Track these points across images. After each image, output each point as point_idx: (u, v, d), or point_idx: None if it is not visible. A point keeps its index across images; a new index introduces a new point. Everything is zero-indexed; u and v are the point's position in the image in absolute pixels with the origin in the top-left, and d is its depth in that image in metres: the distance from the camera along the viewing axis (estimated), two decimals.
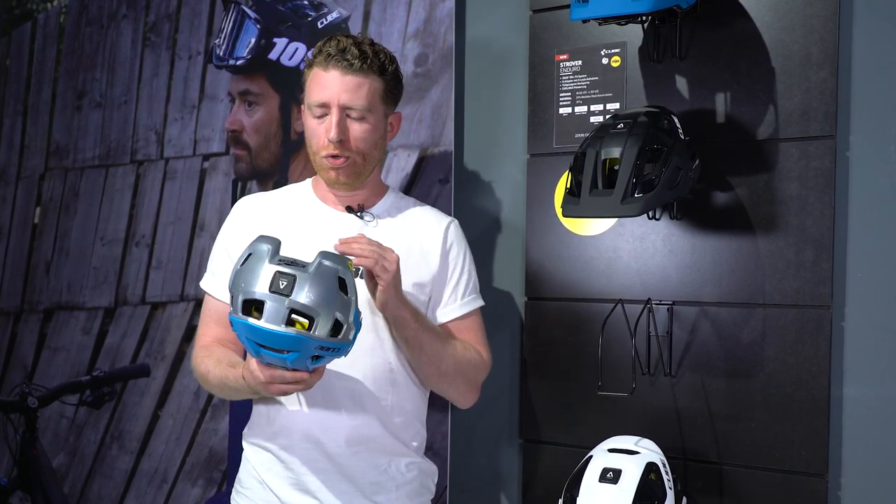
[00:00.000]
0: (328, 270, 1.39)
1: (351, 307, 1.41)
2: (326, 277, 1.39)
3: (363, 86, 1.62)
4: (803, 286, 1.69)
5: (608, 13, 1.62)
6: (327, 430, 1.63)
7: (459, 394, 1.74)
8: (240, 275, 1.40)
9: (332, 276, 1.39)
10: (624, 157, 1.58)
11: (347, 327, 1.40)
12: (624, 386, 1.78)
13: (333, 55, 1.61)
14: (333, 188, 1.70)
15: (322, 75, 1.62)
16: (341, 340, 1.40)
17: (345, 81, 1.61)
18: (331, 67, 1.61)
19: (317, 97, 1.63)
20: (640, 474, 1.58)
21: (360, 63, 1.61)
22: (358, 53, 1.61)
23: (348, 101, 1.61)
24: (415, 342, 1.62)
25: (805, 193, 1.69)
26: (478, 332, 1.75)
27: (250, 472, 1.70)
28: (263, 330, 1.36)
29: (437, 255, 1.71)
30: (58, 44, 2.86)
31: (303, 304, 1.36)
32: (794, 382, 1.69)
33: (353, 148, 1.63)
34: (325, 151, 1.63)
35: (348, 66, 1.60)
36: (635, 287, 1.84)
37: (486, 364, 1.74)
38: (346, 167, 1.64)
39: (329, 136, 1.61)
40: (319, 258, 1.41)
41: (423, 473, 1.73)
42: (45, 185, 2.88)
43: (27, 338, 2.90)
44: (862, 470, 1.67)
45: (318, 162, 1.66)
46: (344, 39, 1.63)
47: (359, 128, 1.63)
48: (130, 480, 2.64)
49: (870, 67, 1.67)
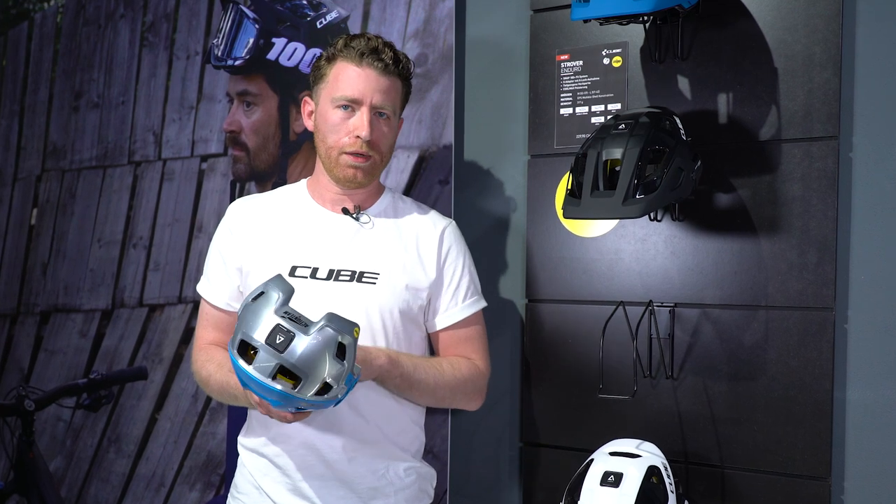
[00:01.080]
0: (329, 336, 1.39)
1: (344, 372, 1.40)
2: (325, 343, 1.38)
3: (393, 88, 1.64)
4: (806, 288, 1.68)
5: (609, 13, 1.61)
6: (324, 436, 1.62)
7: (461, 407, 1.75)
8: (246, 311, 1.41)
9: (332, 341, 1.39)
10: (625, 158, 1.57)
11: (337, 388, 1.40)
12: (625, 389, 1.78)
13: (367, 53, 1.61)
14: (345, 187, 1.68)
15: (355, 71, 1.62)
16: (328, 398, 1.40)
17: (379, 82, 1.62)
18: (365, 65, 1.61)
19: (348, 92, 1.61)
20: (642, 478, 1.57)
21: (393, 66, 1.63)
22: (392, 56, 1.63)
23: (380, 102, 1.62)
24: (404, 387, 1.61)
25: (808, 195, 1.69)
26: (476, 340, 1.74)
27: (246, 477, 1.69)
28: (250, 376, 1.37)
29: (434, 259, 1.70)
30: (55, 44, 2.85)
31: (293, 363, 1.37)
32: (797, 385, 1.69)
33: (377, 148, 1.64)
34: (351, 148, 1.62)
35: (384, 68, 1.62)
36: (637, 289, 1.83)
37: (483, 375, 1.73)
38: (366, 166, 1.64)
39: (362, 134, 1.61)
40: (325, 321, 1.40)
41: (421, 478, 1.72)
42: (42, 186, 2.87)
43: (24, 340, 2.88)
44: (865, 473, 1.66)
45: (336, 158, 1.64)
46: (374, 38, 1.64)
47: (384, 129, 1.65)
48: (128, 484, 2.63)
49: (873, 67, 1.66)
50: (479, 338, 1.74)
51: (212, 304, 1.72)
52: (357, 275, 1.63)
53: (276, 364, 1.36)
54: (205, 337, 1.72)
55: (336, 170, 1.65)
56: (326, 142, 1.65)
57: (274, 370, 1.36)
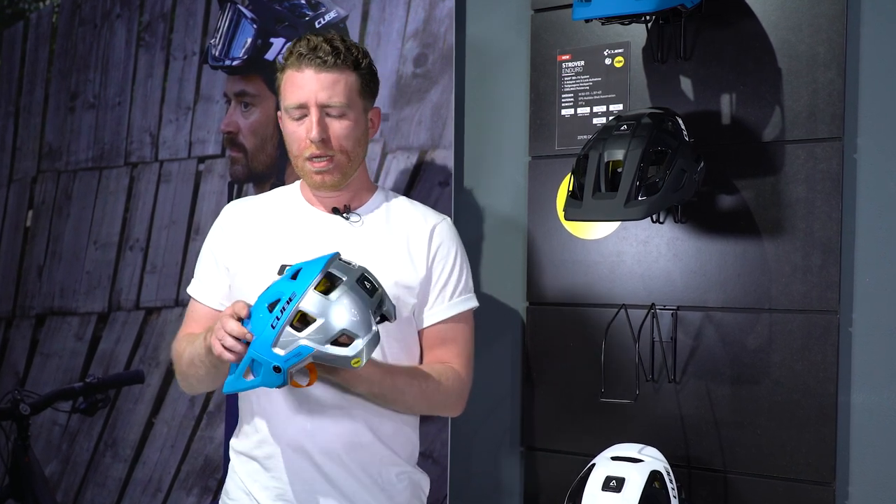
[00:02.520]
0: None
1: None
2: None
3: (339, 82, 1.59)
4: (810, 291, 1.67)
5: (611, 13, 1.60)
6: (314, 438, 1.59)
7: (441, 414, 1.77)
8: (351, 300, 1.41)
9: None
10: (627, 159, 1.56)
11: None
12: (627, 392, 1.77)
13: (305, 54, 1.58)
14: (320, 191, 1.67)
15: (296, 76, 1.59)
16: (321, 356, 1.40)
17: (320, 79, 1.57)
18: (304, 67, 1.58)
19: (293, 99, 1.59)
20: (644, 483, 1.56)
21: (333, 59, 1.57)
22: (330, 49, 1.58)
23: (326, 99, 1.58)
24: (377, 393, 1.59)
25: (812, 196, 1.67)
26: (460, 343, 1.69)
27: (237, 482, 1.68)
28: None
29: (424, 257, 1.67)
30: (50, 44, 2.83)
31: (343, 328, 1.39)
32: (801, 389, 1.67)
33: (335, 147, 1.60)
34: (307, 153, 1.60)
35: (322, 64, 1.57)
36: (639, 292, 1.82)
37: (463, 382, 1.68)
38: (331, 168, 1.61)
39: (310, 136, 1.57)
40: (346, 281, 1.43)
41: (413, 484, 1.70)
42: (38, 187, 2.85)
43: (19, 343, 2.87)
44: (870, 478, 1.65)
45: (302, 166, 1.63)
46: (314, 38, 1.60)
47: (339, 125, 1.60)
48: (124, 489, 2.61)
49: (878, 68, 1.65)
50: (463, 340, 1.69)
51: (204, 303, 1.70)
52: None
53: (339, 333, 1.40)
54: (186, 332, 1.69)
55: (306, 178, 1.65)
56: (291, 153, 1.64)
57: (333, 337, 1.40)
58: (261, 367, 1.39)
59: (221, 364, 1.50)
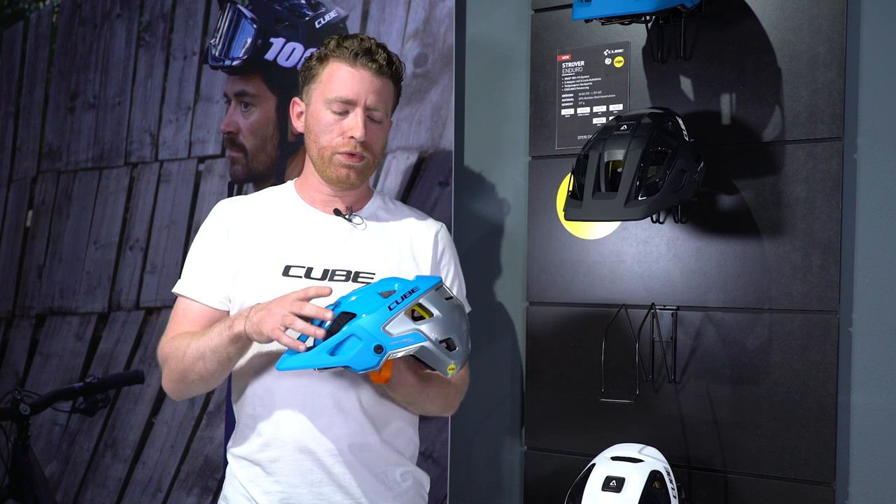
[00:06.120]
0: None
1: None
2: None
3: (386, 90, 1.65)
4: (810, 291, 1.67)
5: (611, 13, 1.60)
6: (320, 439, 1.59)
7: (444, 415, 1.80)
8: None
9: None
10: (627, 159, 1.56)
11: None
12: (627, 392, 1.77)
13: (361, 54, 1.61)
14: (337, 187, 1.66)
15: (349, 71, 1.61)
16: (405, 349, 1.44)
17: (374, 83, 1.62)
18: (359, 66, 1.61)
19: (342, 93, 1.61)
20: (644, 483, 1.56)
21: (387, 67, 1.64)
22: (386, 57, 1.64)
23: (374, 103, 1.62)
24: (411, 404, 1.64)
25: (812, 196, 1.67)
26: None
27: (237, 487, 1.65)
28: None
29: (429, 260, 1.70)
30: (50, 44, 2.83)
31: (439, 338, 1.47)
32: (801, 389, 1.67)
33: (370, 149, 1.64)
34: (344, 148, 1.62)
35: (378, 69, 1.62)
36: (639, 292, 1.82)
37: (467, 383, 1.75)
38: (360, 167, 1.64)
39: (356, 135, 1.60)
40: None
41: (417, 482, 1.71)
42: (38, 187, 2.85)
43: (19, 344, 2.87)
44: (870, 478, 1.65)
45: (329, 157, 1.63)
46: (367, 39, 1.65)
47: (377, 129, 1.65)
48: (124, 489, 2.61)
49: (878, 68, 1.65)
50: None
51: (201, 302, 1.64)
52: (353, 275, 1.62)
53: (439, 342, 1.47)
54: (175, 331, 1.64)
55: (329, 170, 1.64)
56: (319, 142, 1.64)
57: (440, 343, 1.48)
58: (354, 347, 1.41)
59: (238, 356, 1.55)
